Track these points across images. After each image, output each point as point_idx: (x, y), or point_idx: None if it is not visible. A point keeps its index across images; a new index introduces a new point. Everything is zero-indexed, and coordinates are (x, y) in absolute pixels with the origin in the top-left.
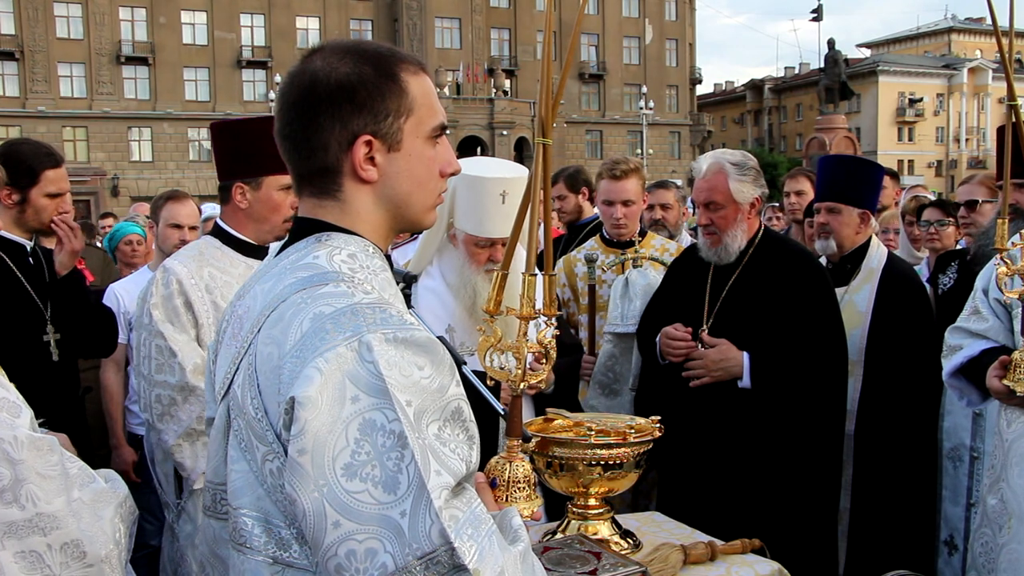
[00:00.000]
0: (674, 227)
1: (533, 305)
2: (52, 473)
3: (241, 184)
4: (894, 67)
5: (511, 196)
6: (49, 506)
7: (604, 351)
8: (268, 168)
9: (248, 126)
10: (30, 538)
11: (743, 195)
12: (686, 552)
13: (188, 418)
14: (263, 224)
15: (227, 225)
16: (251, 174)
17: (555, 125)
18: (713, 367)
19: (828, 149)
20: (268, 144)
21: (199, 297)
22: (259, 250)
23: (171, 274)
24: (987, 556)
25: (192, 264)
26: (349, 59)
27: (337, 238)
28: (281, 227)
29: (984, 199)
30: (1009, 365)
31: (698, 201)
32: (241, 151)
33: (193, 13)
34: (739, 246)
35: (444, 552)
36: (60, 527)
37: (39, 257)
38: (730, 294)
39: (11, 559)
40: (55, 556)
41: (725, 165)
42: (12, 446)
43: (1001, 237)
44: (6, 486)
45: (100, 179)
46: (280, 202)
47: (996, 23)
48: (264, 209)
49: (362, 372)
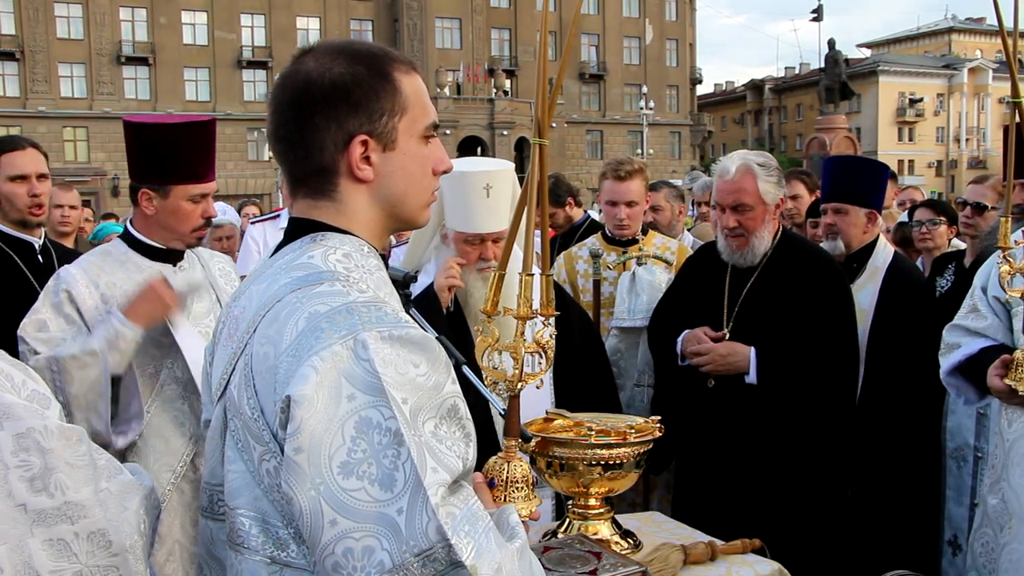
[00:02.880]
0: (666, 227)
1: (530, 305)
2: (80, 463)
3: (148, 190)
4: (894, 67)
5: (495, 189)
6: (77, 495)
7: (609, 346)
8: (177, 177)
9: (161, 130)
10: (58, 526)
11: (770, 196)
12: (686, 552)
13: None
14: (169, 232)
15: (135, 229)
16: (158, 181)
17: (555, 125)
18: (720, 361)
19: (828, 149)
20: (180, 151)
21: (92, 307)
22: (169, 254)
23: (61, 282)
24: (988, 556)
25: (90, 271)
26: (342, 59)
27: (332, 238)
28: (189, 236)
29: (993, 206)
30: (1011, 364)
31: (724, 204)
32: (150, 156)
33: (193, 13)
34: (765, 247)
35: (441, 549)
36: (87, 516)
37: (49, 255)
38: (750, 296)
39: (40, 546)
40: (82, 545)
41: (753, 166)
42: (42, 435)
43: (1004, 235)
44: (36, 474)
45: (100, 179)
46: (188, 212)
47: (1001, 20)
48: (170, 218)
49: (358, 370)
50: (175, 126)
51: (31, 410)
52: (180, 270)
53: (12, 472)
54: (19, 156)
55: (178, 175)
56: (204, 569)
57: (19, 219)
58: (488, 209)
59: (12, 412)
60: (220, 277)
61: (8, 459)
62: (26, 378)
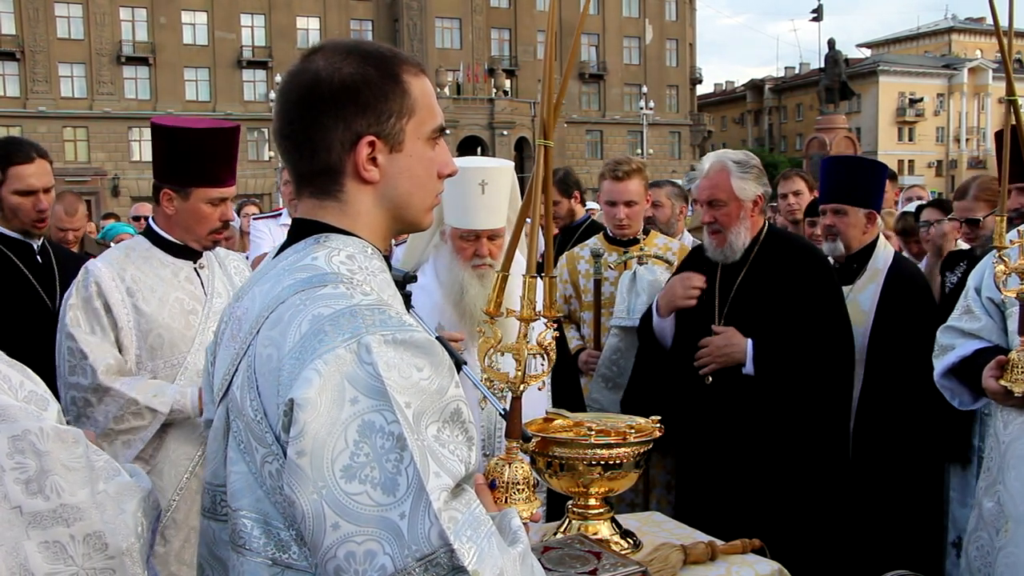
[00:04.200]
0: (665, 224)
1: (533, 307)
2: (77, 465)
3: (168, 191)
4: (894, 67)
5: (491, 186)
6: (73, 497)
7: (609, 345)
8: (198, 181)
9: (186, 135)
10: (54, 529)
11: (745, 192)
12: (686, 552)
13: (104, 419)
14: (188, 233)
15: (157, 226)
16: (179, 183)
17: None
18: (718, 353)
19: (828, 149)
20: (204, 155)
21: (119, 300)
22: (189, 252)
23: (91, 276)
24: (984, 560)
25: (115, 266)
26: (352, 59)
27: (336, 239)
28: (206, 238)
29: (985, 215)
30: (1006, 365)
31: (701, 199)
32: (174, 158)
33: (193, 13)
34: (743, 243)
35: (443, 554)
36: (83, 518)
37: (48, 255)
38: (739, 292)
39: (35, 549)
40: (78, 547)
41: (727, 163)
42: (38, 437)
43: (999, 235)
44: (32, 476)
45: (101, 179)
46: (207, 215)
47: (997, 20)
48: (189, 219)
49: (361, 374)
50: (201, 131)
51: (27, 412)
52: (200, 267)
53: (8, 474)
54: (28, 169)
55: (200, 179)
56: (206, 569)
57: (21, 229)
58: (483, 205)
59: (8, 414)
60: (236, 275)
61: (4, 461)
62: (24, 379)
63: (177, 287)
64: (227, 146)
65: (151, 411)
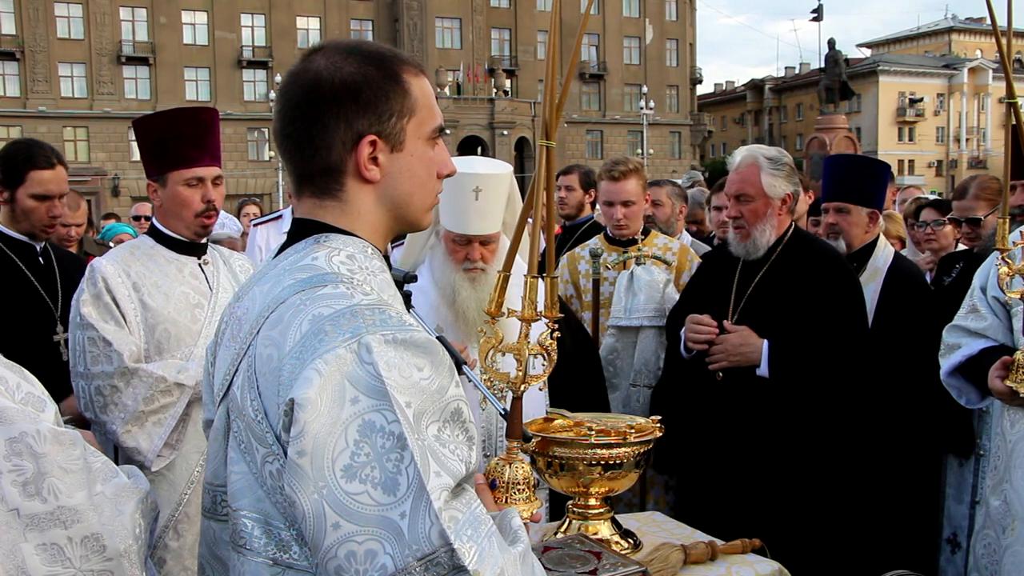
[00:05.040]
0: (665, 223)
1: (535, 307)
2: (74, 467)
3: (152, 182)
4: (894, 67)
5: (485, 193)
6: (70, 499)
7: (606, 345)
8: (170, 164)
9: (155, 120)
10: (51, 531)
11: (775, 189)
12: (686, 552)
13: (134, 402)
14: (178, 220)
15: (158, 223)
16: (157, 171)
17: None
18: (733, 351)
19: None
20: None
21: (125, 295)
22: (192, 247)
23: (97, 272)
24: (990, 558)
25: (120, 263)
26: (353, 59)
27: (336, 239)
28: (194, 222)
29: (986, 214)
30: (1012, 366)
31: (729, 193)
32: (150, 148)
33: (194, 13)
34: (768, 241)
35: (444, 553)
36: (81, 520)
37: (49, 257)
38: (757, 290)
39: (33, 551)
40: (75, 549)
41: (759, 158)
42: (35, 440)
43: (1002, 237)
44: (29, 479)
45: (101, 179)
46: (187, 197)
47: (995, 22)
48: (173, 205)
49: (361, 374)
50: (167, 113)
51: (24, 414)
52: (204, 264)
53: (5, 477)
54: (47, 175)
55: (171, 162)
56: (207, 569)
57: (28, 231)
58: (476, 211)
59: (5, 416)
60: (241, 273)
61: (1, 464)
62: (21, 380)
63: (182, 282)
64: (196, 126)
65: (179, 386)
